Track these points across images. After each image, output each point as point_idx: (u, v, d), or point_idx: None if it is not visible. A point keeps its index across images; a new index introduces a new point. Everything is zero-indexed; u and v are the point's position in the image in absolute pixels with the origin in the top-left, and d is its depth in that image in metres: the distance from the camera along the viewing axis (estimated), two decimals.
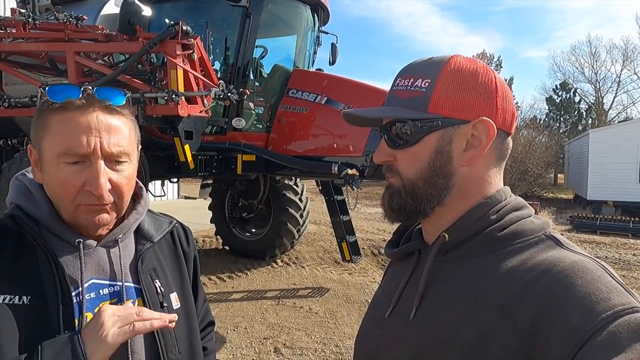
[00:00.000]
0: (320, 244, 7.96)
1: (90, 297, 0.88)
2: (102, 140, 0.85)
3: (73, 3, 5.26)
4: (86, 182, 0.84)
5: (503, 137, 0.74)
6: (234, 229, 7.08)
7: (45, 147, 0.85)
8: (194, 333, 1.05)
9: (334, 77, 5.19)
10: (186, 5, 5.09)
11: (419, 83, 0.72)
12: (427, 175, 0.72)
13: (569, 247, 0.66)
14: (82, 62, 4.16)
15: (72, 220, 0.88)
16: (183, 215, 10.54)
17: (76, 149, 0.83)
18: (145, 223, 1.02)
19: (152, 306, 0.94)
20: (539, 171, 18.58)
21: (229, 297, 5.26)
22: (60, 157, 0.83)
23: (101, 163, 0.85)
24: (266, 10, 5.00)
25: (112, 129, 0.86)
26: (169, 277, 1.03)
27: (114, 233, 0.94)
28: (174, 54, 3.79)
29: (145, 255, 0.99)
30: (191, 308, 1.07)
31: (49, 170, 0.85)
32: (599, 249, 8.88)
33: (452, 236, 0.71)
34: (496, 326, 0.61)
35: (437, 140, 0.72)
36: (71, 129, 0.83)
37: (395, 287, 0.79)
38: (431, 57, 0.76)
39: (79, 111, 0.84)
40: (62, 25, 4.14)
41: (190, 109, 3.93)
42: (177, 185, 14.40)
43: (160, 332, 0.93)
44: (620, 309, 0.55)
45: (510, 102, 0.74)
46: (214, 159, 4.96)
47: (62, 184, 0.84)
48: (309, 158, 4.91)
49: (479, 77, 0.72)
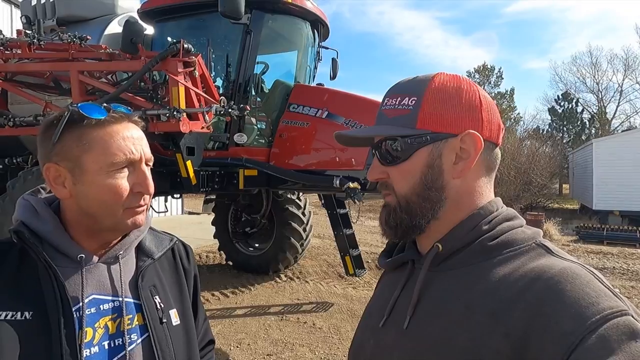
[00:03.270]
0: (323, 258, 7.91)
1: (91, 312, 0.90)
2: (143, 147, 0.94)
3: (78, 23, 5.36)
4: (135, 185, 0.92)
5: (491, 149, 0.76)
6: (237, 244, 7.06)
7: (89, 160, 0.89)
8: (193, 350, 1.06)
9: (334, 92, 5.23)
10: (188, 24, 5.17)
11: (406, 101, 0.76)
12: (420, 189, 0.74)
13: (559, 254, 0.68)
14: (86, 81, 4.22)
15: (114, 226, 0.93)
16: (186, 230, 10.55)
17: (127, 156, 0.91)
18: (147, 240, 1.05)
19: (152, 322, 0.96)
20: (543, 182, 18.48)
21: (232, 313, 5.22)
22: (111, 166, 0.89)
23: (145, 167, 0.95)
24: (266, 27, 5.08)
25: (142, 138, 0.96)
26: (168, 293, 1.04)
27: (115, 249, 0.97)
28: (176, 71, 3.84)
29: (146, 271, 1.01)
30: (190, 325, 1.08)
31: (95, 181, 0.89)
32: (607, 260, 8.76)
33: (446, 246, 0.73)
34: (488, 332, 0.62)
35: (427, 155, 0.74)
36: (119, 140, 0.90)
37: (389, 296, 0.80)
38: (416, 76, 0.79)
39: (117, 125, 0.92)
40: (67, 45, 4.23)
41: (191, 125, 3.97)
42: (180, 200, 14.46)
43: (160, 349, 0.95)
44: (608, 313, 0.57)
45: (495, 114, 0.77)
46: (216, 174, 4.98)
47: (114, 190, 0.90)
48: (311, 172, 4.92)
49: (462, 92, 0.74)
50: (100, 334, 0.90)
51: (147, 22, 5.30)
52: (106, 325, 0.92)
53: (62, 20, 5.36)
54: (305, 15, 5.29)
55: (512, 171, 16.44)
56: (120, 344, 0.92)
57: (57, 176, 0.90)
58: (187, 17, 5.12)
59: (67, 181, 0.90)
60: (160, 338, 0.97)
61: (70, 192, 0.90)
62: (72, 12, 5.34)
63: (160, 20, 5.25)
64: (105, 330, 0.91)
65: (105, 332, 0.91)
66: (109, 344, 0.91)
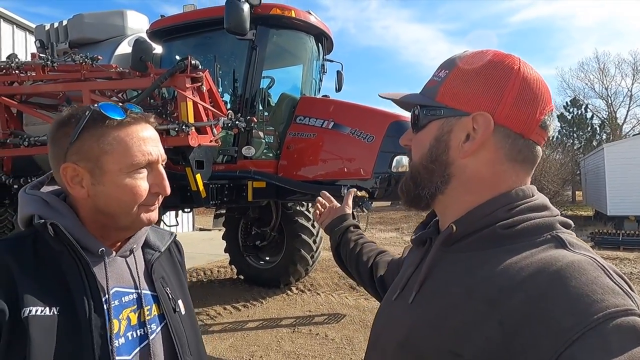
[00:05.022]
0: (335, 270, 7.86)
1: (115, 305, 0.92)
2: (159, 148, 0.97)
3: (89, 45, 5.53)
4: (153, 185, 0.95)
5: (512, 137, 0.70)
6: (248, 257, 7.07)
7: (109, 161, 0.89)
8: (199, 337, 1.11)
9: (340, 102, 5.29)
10: (195, 42, 5.30)
11: (441, 73, 0.76)
12: (426, 161, 0.75)
13: (572, 248, 0.64)
14: (98, 100, 4.33)
15: (130, 224, 0.95)
16: (198, 246, 10.59)
17: (146, 157, 0.93)
18: (150, 235, 1.08)
19: (167, 312, 1.00)
20: (555, 189, 18.26)
21: (244, 326, 5.20)
22: (131, 167, 0.91)
23: (161, 168, 0.97)
24: (271, 42, 5.18)
25: (158, 138, 0.98)
26: (174, 285, 1.09)
27: (130, 243, 1.00)
28: (184, 87, 3.93)
29: (155, 264, 1.05)
30: (193, 315, 1.13)
31: (115, 182, 0.90)
32: (623, 265, 8.59)
33: (460, 228, 0.71)
34: (483, 317, 0.61)
35: (437, 128, 0.74)
36: (138, 141, 0.92)
37: (408, 271, 0.82)
38: (466, 51, 0.77)
39: (136, 125, 0.93)
40: (79, 66, 4.36)
41: (200, 139, 4.04)
42: (191, 218, 14.56)
43: (177, 337, 1.00)
44: (613, 311, 0.53)
45: (531, 105, 0.70)
46: (225, 187, 5.03)
47: (134, 191, 0.91)
48: (319, 183, 4.95)
49: (493, 72, 0.70)
50: (124, 325, 0.92)
51: (155, 42, 5.44)
52: (128, 317, 0.94)
53: (75, 43, 5.53)
54: (309, 29, 5.39)
55: None
56: (142, 334, 0.95)
57: (75, 175, 0.90)
58: (193, 35, 5.26)
59: (85, 181, 0.90)
60: (176, 327, 1.01)
61: (88, 192, 0.91)
62: (84, 35, 5.51)
63: (168, 39, 5.39)
64: (128, 321, 0.94)
65: (128, 324, 0.94)
66: (132, 334, 0.93)
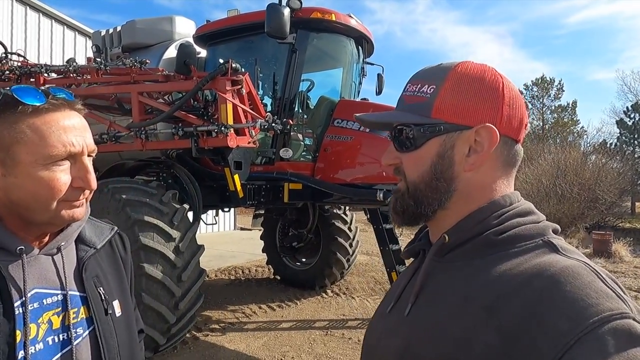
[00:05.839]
0: (371, 275, 7.81)
1: (34, 308, 0.84)
2: (85, 138, 0.87)
3: (140, 50, 5.82)
4: (76, 179, 0.85)
5: (510, 144, 0.74)
6: (285, 258, 7.17)
7: (22, 151, 0.80)
8: (134, 341, 1.04)
9: (378, 105, 5.24)
10: (237, 46, 5.44)
11: (425, 89, 0.75)
12: (429, 178, 0.74)
13: (565, 252, 0.66)
14: (145, 102, 4.55)
15: (49, 220, 0.86)
16: (237, 245, 10.86)
17: (67, 148, 0.83)
18: (86, 230, 1.00)
19: (97, 314, 0.92)
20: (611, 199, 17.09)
21: (278, 326, 5.26)
22: (48, 159, 0.82)
23: (87, 160, 0.87)
24: (311, 46, 5.22)
25: (85, 127, 0.88)
26: (111, 284, 1.00)
27: (57, 240, 0.91)
28: (224, 89, 4.04)
29: (88, 262, 0.96)
30: (132, 316, 1.06)
31: (29, 174, 0.81)
32: None
33: (452, 237, 0.73)
34: (481, 325, 0.61)
35: (439, 145, 0.73)
36: (59, 130, 0.82)
37: (400, 284, 0.82)
38: (441, 63, 0.78)
39: (57, 112, 0.83)
40: (129, 69, 4.60)
41: (238, 140, 4.14)
42: (233, 217, 14.94)
43: (105, 342, 0.92)
44: (608, 315, 0.55)
45: (519, 109, 0.73)
46: (262, 188, 5.13)
47: (51, 185, 0.82)
48: (356, 186, 4.92)
49: (484, 83, 0.72)
50: (44, 330, 0.85)
51: (201, 46, 5.64)
52: (50, 320, 0.86)
53: (127, 47, 5.83)
54: (349, 32, 5.38)
55: (575, 187, 15.33)
56: (65, 338, 0.88)
57: None
58: (236, 39, 5.40)
59: None
60: (105, 331, 0.93)
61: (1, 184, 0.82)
62: (136, 40, 5.80)
63: (212, 43, 5.56)
64: (49, 325, 0.86)
65: (49, 328, 0.86)
66: (53, 339, 0.86)
